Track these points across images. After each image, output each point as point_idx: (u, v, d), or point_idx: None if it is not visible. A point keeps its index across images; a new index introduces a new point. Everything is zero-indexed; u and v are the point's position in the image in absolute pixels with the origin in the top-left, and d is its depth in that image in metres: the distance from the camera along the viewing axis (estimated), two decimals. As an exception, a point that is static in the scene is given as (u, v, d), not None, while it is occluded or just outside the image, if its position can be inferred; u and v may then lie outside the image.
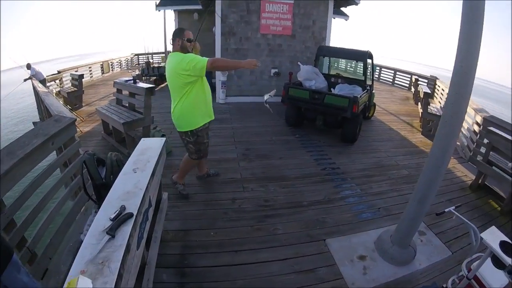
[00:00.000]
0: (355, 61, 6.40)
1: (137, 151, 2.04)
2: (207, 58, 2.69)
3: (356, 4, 8.25)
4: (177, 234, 2.87)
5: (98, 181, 2.15)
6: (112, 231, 1.32)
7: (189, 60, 2.70)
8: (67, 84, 9.76)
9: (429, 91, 6.84)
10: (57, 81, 9.99)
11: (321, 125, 5.51)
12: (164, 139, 2.33)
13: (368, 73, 5.82)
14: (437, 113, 6.30)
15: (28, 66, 8.52)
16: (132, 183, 1.67)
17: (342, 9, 10.47)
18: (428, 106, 6.56)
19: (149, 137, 4.56)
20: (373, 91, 6.34)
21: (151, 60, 13.98)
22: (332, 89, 5.70)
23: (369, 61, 5.72)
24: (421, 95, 6.96)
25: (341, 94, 5.08)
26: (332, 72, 7.33)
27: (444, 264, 2.66)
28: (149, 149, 2.09)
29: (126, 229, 1.35)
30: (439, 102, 8.29)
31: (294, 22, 7.58)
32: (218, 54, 7.36)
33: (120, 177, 1.73)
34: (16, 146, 2.01)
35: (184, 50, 2.89)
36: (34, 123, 6.48)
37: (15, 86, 7.80)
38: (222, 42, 7.39)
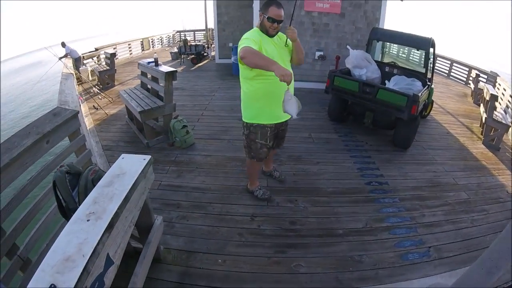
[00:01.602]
0: (415, 49, 5.30)
1: (106, 179, 1.45)
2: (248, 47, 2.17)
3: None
4: (179, 256, 2.37)
5: (72, 205, 1.62)
6: None
7: (240, 43, 2.27)
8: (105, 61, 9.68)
9: (496, 93, 5.57)
10: (95, 58, 9.97)
11: (369, 124, 4.64)
12: (147, 158, 1.72)
13: (429, 65, 4.79)
14: (503, 121, 5.19)
15: (63, 44, 8.56)
16: (76, 242, 1.09)
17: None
18: (494, 112, 5.39)
19: (169, 127, 4.09)
20: (432, 85, 5.26)
21: (188, 38, 13.49)
22: (386, 81, 4.75)
23: (431, 50, 4.69)
24: (486, 96, 5.73)
25: (398, 90, 4.15)
26: (386, 59, 6.27)
27: None
28: (122, 175, 1.49)
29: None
30: (499, 103, 6.92)
31: (344, -1, 6.55)
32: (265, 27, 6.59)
33: (66, 229, 1.16)
34: (4, 148, 1.70)
35: (262, 28, 2.39)
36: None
37: (51, 65, 7.69)
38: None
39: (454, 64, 11.88)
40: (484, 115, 5.37)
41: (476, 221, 3.03)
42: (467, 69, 11.15)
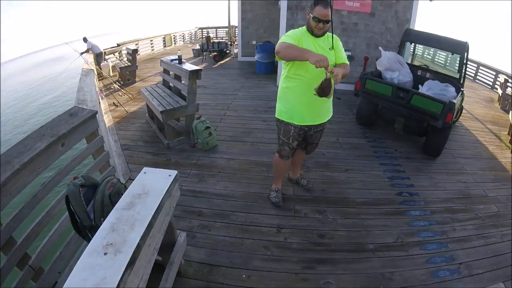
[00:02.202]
0: (449, 53, 5.01)
1: (126, 199, 1.29)
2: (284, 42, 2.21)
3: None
4: (201, 269, 2.24)
5: (86, 222, 1.51)
6: None
7: (279, 40, 2.28)
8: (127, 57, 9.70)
9: None
10: (116, 54, 9.98)
11: (400, 130, 4.39)
12: (173, 174, 1.57)
13: (463, 70, 4.51)
14: None
15: (85, 40, 8.54)
16: (92, 282, 0.93)
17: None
18: None
19: (190, 127, 3.98)
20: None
21: (211, 35, 13.40)
22: (420, 86, 4.47)
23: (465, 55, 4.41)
24: None
25: (434, 97, 3.88)
26: (416, 62, 5.95)
27: None
28: (145, 195, 1.34)
29: None
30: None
31: (375, -2, 6.26)
32: (283, 31, 6.40)
33: (81, 263, 1.01)
34: (16, 151, 1.63)
35: (308, 27, 2.32)
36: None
37: (72, 60, 7.73)
38: (288, 17, 6.40)
39: (481, 67, 11.35)
40: None
41: (506, 236, 2.89)
42: (494, 73, 10.65)
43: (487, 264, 2.50)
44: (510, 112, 5.85)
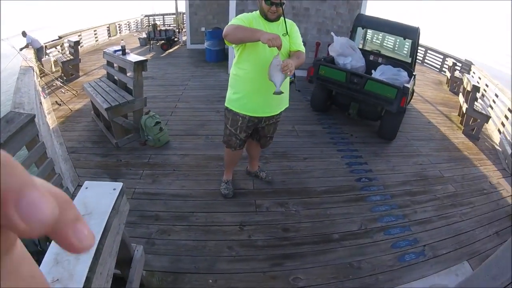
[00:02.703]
0: (401, 38, 5.13)
1: None
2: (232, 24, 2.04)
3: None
4: (164, 278, 2.08)
5: (32, 247, 1.27)
6: None
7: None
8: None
9: (478, 84, 5.54)
10: (58, 47, 9.13)
11: (355, 115, 4.45)
12: (118, 187, 1.35)
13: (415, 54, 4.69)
14: (483, 111, 5.28)
15: (24, 34, 7.68)
16: None
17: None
18: (475, 103, 5.41)
19: (139, 124, 3.69)
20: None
21: (158, 23, 12.71)
22: (372, 71, 4.54)
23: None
24: (466, 87, 5.69)
25: (388, 82, 3.95)
26: (368, 47, 6.05)
27: None
28: (88, 216, 1.11)
29: None
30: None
31: (325, -18, 6.24)
32: (232, 14, 6.15)
33: None
34: None
35: (261, 12, 2.14)
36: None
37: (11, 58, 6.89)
38: (238, 1, 6.16)
39: (429, 51, 11.97)
40: (465, 106, 5.35)
41: (464, 214, 3.06)
42: (442, 56, 11.27)
43: (449, 244, 2.62)
44: (460, 94, 6.20)
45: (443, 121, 5.67)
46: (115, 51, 4.11)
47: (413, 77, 4.46)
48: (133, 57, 3.76)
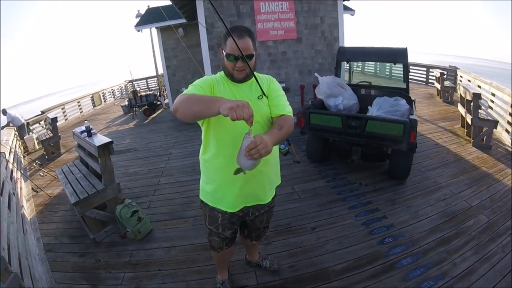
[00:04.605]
0: (390, 64, 4.85)
1: None
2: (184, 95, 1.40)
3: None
4: None
5: None
6: None
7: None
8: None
9: (478, 92, 5.22)
10: (42, 122, 8.94)
11: (358, 160, 3.93)
12: None
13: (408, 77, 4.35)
14: (488, 117, 5.00)
15: (4, 112, 7.68)
16: None
17: (346, 3, 8.81)
18: (479, 110, 5.08)
19: (114, 215, 3.17)
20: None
21: (142, 87, 12.66)
22: (369, 108, 4.10)
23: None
24: (465, 96, 5.35)
25: (391, 118, 3.50)
26: (355, 80, 5.69)
27: None
28: None
29: None
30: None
31: (298, 22, 6.06)
32: (208, 73, 5.89)
33: None
34: None
35: (225, 71, 1.61)
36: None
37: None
38: (211, 57, 5.91)
39: (410, 66, 11.90)
40: (469, 116, 5.00)
41: (505, 246, 2.62)
42: (424, 69, 11.16)
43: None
44: (459, 105, 5.86)
45: (449, 139, 5.33)
46: (82, 132, 3.69)
47: (413, 102, 4.05)
48: (99, 139, 3.33)
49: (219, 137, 1.58)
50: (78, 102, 12.13)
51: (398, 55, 4.22)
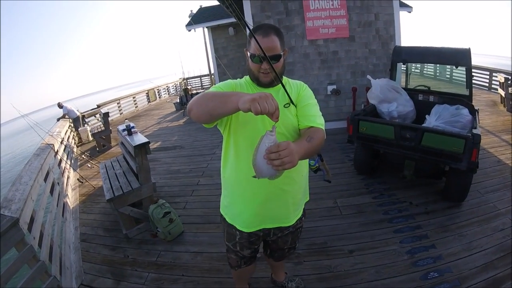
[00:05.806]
0: (451, 66, 4.26)
1: None
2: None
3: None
4: None
5: None
6: None
7: None
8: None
9: None
10: (97, 115, 9.60)
11: (411, 175, 3.49)
12: None
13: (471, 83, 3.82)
14: None
15: (60, 105, 8.35)
16: None
17: (403, -1, 8.12)
18: None
19: (147, 214, 3.17)
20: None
21: (194, 85, 13.03)
22: (427, 116, 3.62)
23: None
24: None
25: (451, 131, 3.03)
26: (412, 83, 5.13)
27: None
28: None
29: None
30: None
31: (351, 19, 5.66)
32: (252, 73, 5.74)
33: None
34: None
35: (251, 75, 1.44)
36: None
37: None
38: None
39: (472, 70, 10.70)
40: None
41: None
42: (488, 73, 9.97)
43: None
44: None
45: (514, 155, 4.55)
46: (123, 129, 3.77)
47: (476, 113, 3.51)
48: (137, 139, 3.35)
49: (239, 146, 1.40)
50: (133, 98, 12.84)
51: (460, 57, 3.69)
